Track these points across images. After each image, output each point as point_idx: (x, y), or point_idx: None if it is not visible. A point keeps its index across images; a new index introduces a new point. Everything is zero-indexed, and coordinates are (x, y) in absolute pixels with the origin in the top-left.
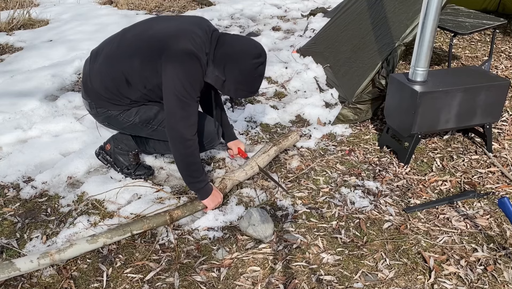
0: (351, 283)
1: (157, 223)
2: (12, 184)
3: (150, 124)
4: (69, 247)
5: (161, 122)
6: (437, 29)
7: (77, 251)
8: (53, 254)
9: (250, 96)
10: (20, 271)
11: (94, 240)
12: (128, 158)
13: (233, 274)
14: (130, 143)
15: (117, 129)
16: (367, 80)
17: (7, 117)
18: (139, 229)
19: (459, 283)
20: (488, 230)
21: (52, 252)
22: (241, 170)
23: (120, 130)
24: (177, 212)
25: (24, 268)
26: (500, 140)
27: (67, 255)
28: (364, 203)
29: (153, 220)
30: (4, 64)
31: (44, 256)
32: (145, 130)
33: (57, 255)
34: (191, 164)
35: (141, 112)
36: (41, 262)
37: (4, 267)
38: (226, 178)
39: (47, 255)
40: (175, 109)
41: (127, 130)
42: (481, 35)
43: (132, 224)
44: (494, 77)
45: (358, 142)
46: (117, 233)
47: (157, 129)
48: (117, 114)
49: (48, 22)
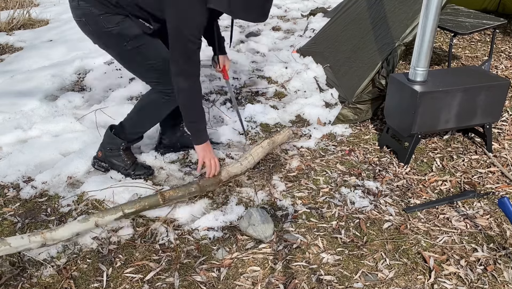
0: (351, 283)
1: (149, 203)
2: (12, 184)
3: (127, 43)
4: (61, 226)
5: (139, 47)
6: (437, 29)
7: (69, 230)
8: (44, 232)
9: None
10: (11, 246)
11: (85, 219)
12: (122, 158)
13: (233, 274)
14: (116, 141)
15: (91, 38)
16: (367, 80)
17: (7, 117)
18: (130, 208)
19: (459, 283)
20: (488, 230)
21: (43, 230)
22: (236, 161)
23: (94, 41)
24: (170, 192)
25: (15, 244)
26: (500, 140)
27: (58, 234)
28: (364, 203)
29: (145, 200)
30: (4, 64)
31: (35, 233)
32: (117, 49)
33: (48, 233)
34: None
35: (123, 26)
36: (31, 239)
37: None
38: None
39: (38, 233)
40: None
41: (100, 44)
42: (481, 35)
43: (123, 204)
44: (494, 77)
45: (358, 142)
46: (109, 213)
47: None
48: (98, 15)
49: (48, 22)
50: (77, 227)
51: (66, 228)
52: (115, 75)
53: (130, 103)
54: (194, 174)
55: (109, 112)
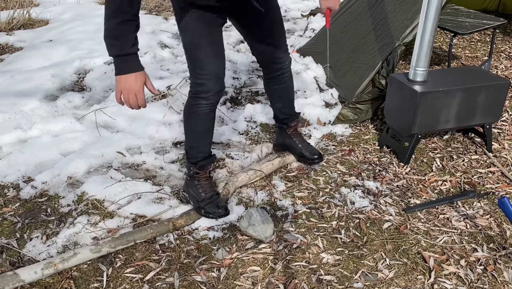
0: (351, 283)
1: (160, 231)
2: (12, 184)
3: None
4: (73, 256)
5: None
6: (437, 29)
7: (81, 260)
8: (57, 264)
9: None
10: (24, 282)
11: (98, 249)
12: (197, 189)
13: (233, 274)
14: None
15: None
16: (367, 80)
17: (7, 117)
18: (142, 238)
19: (459, 283)
20: (488, 230)
21: (56, 262)
22: (245, 174)
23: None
24: (180, 222)
25: (28, 279)
26: (500, 140)
27: (70, 264)
28: (364, 203)
29: (156, 229)
30: (4, 64)
31: (48, 266)
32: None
33: (61, 264)
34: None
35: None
36: (45, 273)
37: (9, 279)
38: (229, 182)
39: (51, 265)
40: None
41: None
42: (481, 35)
43: (135, 233)
44: (494, 77)
45: (358, 142)
46: (121, 243)
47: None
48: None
49: (48, 22)
50: (89, 256)
51: (78, 258)
52: None
53: None
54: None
55: (109, 112)
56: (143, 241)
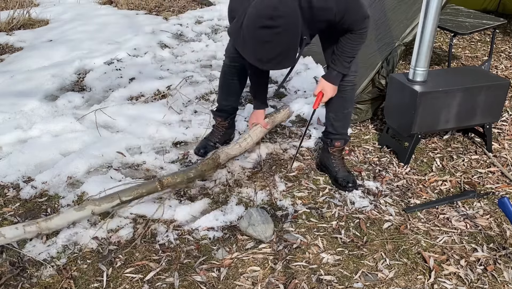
0: (351, 283)
1: (147, 190)
2: (12, 184)
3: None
4: (56, 215)
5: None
6: (437, 29)
7: (64, 220)
8: (40, 222)
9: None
10: (5, 237)
11: (81, 207)
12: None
13: (233, 274)
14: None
15: None
16: (367, 80)
17: (7, 117)
18: (128, 196)
19: (459, 283)
20: (488, 230)
21: (39, 220)
22: (235, 143)
23: None
24: (168, 179)
25: (9, 235)
26: (500, 140)
27: (53, 224)
28: (364, 203)
29: (142, 187)
30: (4, 64)
31: (30, 223)
32: None
33: (44, 223)
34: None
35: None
36: (26, 229)
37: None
38: (219, 149)
39: (33, 222)
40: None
41: None
42: (481, 35)
43: (121, 192)
44: (494, 77)
45: (358, 142)
46: (105, 200)
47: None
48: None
49: (48, 22)
50: (73, 216)
51: (61, 217)
52: (115, 75)
53: (130, 103)
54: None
55: (109, 112)
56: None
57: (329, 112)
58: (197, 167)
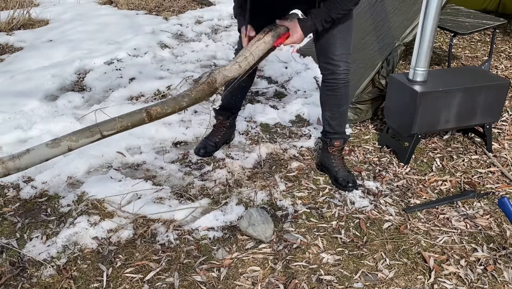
0: (351, 283)
1: (132, 122)
2: (12, 184)
3: None
4: (26, 153)
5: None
6: (437, 29)
7: (36, 158)
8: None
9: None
10: None
11: (56, 143)
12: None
13: (233, 274)
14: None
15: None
16: (367, 80)
17: (7, 117)
18: (110, 130)
19: (459, 283)
20: (488, 230)
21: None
22: (233, 62)
23: None
24: (157, 109)
25: None
26: (500, 140)
27: (23, 162)
28: (364, 203)
29: (126, 118)
30: (4, 64)
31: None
32: None
33: (11, 162)
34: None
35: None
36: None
37: None
38: (215, 71)
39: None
40: None
41: None
42: (481, 35)
43: (101, 124)
44: (494, 77)
45: (358, 142)
46: (84, 135)
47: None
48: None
49: (48, 22)
50: (46, 153)
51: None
52: (115, 75)
53: (130, 103)
54: (194, 174)
55: (109, 112)
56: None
57: (325, 111)
58: (190, 94)
